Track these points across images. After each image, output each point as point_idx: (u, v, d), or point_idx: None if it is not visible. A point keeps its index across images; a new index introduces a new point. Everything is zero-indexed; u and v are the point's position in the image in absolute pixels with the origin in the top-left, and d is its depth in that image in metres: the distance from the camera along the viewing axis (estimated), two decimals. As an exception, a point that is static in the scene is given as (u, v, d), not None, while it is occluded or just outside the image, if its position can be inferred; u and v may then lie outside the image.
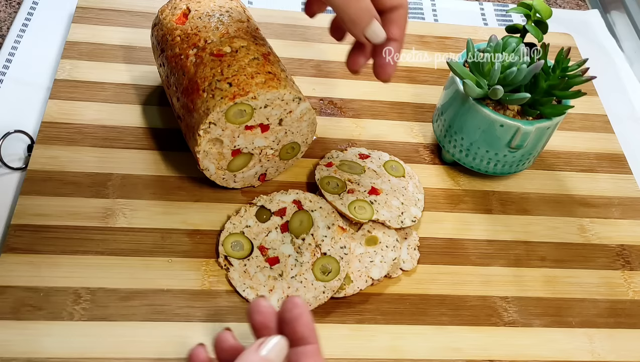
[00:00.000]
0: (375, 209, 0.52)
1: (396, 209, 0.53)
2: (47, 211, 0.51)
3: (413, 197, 0.55)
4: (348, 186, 0.53)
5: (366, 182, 0.54)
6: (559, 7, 0.86)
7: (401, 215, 0.52)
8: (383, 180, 0.55)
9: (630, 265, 0.55)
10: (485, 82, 0.53)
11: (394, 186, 0.54)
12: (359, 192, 0.53)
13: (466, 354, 0.48)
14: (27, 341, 0.44)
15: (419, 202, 0.55)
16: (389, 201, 0.53)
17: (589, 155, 0.63)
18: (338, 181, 0.54)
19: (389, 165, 0.57)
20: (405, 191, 0.55)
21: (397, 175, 0.56)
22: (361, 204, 0.52)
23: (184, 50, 0.51)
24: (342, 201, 0.52)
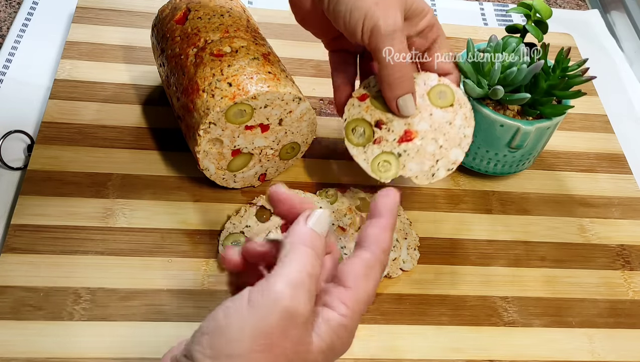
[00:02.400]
0: (403, 162, 0.46)
1: (430, 157, 0.46)
2: (47, 211, 0.51)
3: (458, 134, 0.47)
4: (376, 133, 0.47)
5: (399, 125, 0.47)
6: (559, 7, 0.86)
7: (434, 165, 0.46)
8: (423, 116, 0.47)
9: (630, 265, 0.55)
10: (486, 82, 0.53)
11: (435, 123, 0.47)
12: (388, 141, 0.46)
13: (466, 354, 0.48)
14: (27, 341, 0.44)
15: (464, 140, 0.47)
16: (424, 146, 0.46)
17: (589, 155, 0.63)
18: (365, 127, 0.47)
19: (435, 93, 0.48)
20: (450, 126, 0.47)
21: (444, 106, 0.48)
22: (387, 158, 0.46)
23: (184, 50, 0.51)
24: (365, 156, 0.47)
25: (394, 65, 0.44)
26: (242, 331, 0.30)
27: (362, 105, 0.48)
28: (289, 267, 0.32)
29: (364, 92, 0.48)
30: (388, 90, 0.45)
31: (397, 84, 0.45)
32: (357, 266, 0.34)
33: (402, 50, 0.44)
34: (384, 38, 0.44)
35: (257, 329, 0.30)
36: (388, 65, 0.44)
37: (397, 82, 0.45)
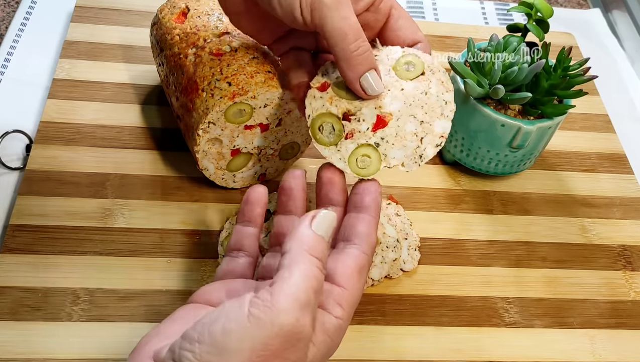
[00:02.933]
0: (383, 152, 0.40)
1: (412, 138, 0.41)
2: (45, 211, 0.51)
3: (437, 103, 0.41)
4: (346, 127, 0.41)
5: (370, 111, 0.41)
6: (560, 6, 0.85)
7: (420, 145, 0.41)
8: (393, 94, 0.41)
9: (632, 265, 0.55)
10: (486, 82, 0.53)
11: (408, 98, 0.41)
12: (361, 132, 0.41)
13: (467, 355, 0.48)
14: (26, 342, 0.44)
15: (446, 108, 0.41)
16: (402, 127, 0.41)
17: (590, 155, 0.63)
18: (334, 122, 0.41)
19: (401, 65, 0.42)
20: (427, 96, 0.41)
21: (414, 77, 0.42)
22: (364, 152, 0.41)
23: (183, 49, 0.51)
24: (340, 155, 0.41)
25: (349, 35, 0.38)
26: (240, 348, 0.28)
27: (325, 96, 0.42)
28: (294, 282, 0.30)
29: (323, 81, 0.42)
30: (347, 69, 0.39)
31: (356, 60, 0.39)
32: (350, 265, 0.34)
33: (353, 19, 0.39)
34: (328, 8, 0.38)
35: (257, 348, 0.28)
36: (342, 41, 0.38)
37: (355, 58, 0.39)
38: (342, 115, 0.41)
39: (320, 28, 0.38)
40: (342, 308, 0.32)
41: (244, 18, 0.43)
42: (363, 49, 0.39)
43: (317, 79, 0.42)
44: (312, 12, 0.38)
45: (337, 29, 0.38)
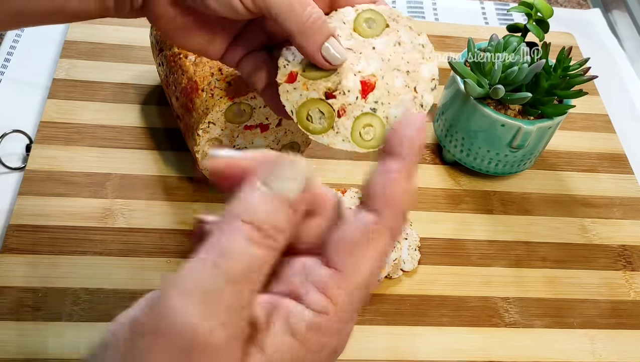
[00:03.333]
0: (383, 115, 0.38)
1: (405, 90, 0.38)
2: (45, 211, 0.51)
3: (415, 49, 0.39)
4: (334, 105, 0.38)
5: (351, 81, 0.38)
6: (560, 6, 0.85)
7: (416, 95, 0.38)
8: (366, 55, 0.38)
9: (632, 265, 0.55)
10: (486, 82, 0.53)
11: (384, 54, 0.39)
12: (352, 104, 0.38)
13: (467, 355, 0.48)
14: (26, 342, 0.44)
15: (425, 50, 0.39)
16: (391, 85, 0.38)
17: (590, 155, 0.63)
18: (319, 106, 0.38)
19: (361, 25, 0.39)
20: (401, 46, 0.39)
21: (380, 32, 0.39)
22: (364, 122, 0.38)
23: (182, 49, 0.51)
24: (341, 136, 0.37)
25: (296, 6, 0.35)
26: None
27: (297, 85, 0.38)
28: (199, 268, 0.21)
29: (288, 72, 0.38)
30: (305, 43, 0.36)
31: (311, 30, 0.35)
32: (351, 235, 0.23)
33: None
34: None
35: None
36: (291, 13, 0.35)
37: (310, 28, 0.35)
38: (324, 96, 0.38)
39: (265, 9, 0.35)
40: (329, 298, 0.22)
41: (184, 33, 0.39)
42: (316, 16, 0.35)
43: (281, 73, 0.39)
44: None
45: (282, 2, 0.35)
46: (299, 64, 0.38)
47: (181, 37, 0.38)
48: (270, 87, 0.39)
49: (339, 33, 0.38)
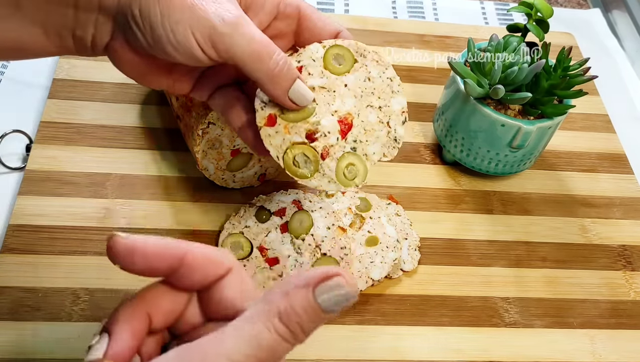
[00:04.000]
0: (362, 153, 0.40)
1: (380, 126, 0.40)
2: (45, 211, 0.51)
3: (384, 83, 0.40)
4: (317, 148, 0.39)
5: (329, 121, 0.39)
6: (560, 6, 0.85)
7: (389, 129, 0.40)
8: (339, 92, 0.39)
9: (632, 265, 0.55)
10: (486, 82, 0.53)
11: (356, 90, 0.40)
12: (334, 145, 0.39)
13: (467, 355, 0.48)
14: (26, 342, 0.44)
15: (394, 83, 0.41)
16: (367, 122, 0.40)
17: (590, 155, 0.63)
18: (304, 150, 0.39)
19: (330, 62, 0.40)
20: (371, 82, 0.40)
21: (348, 68, 0.40)
22: (347, 162, 0.39)
23: (183, 49, 0.51)
24: (327, 178, 0.39)
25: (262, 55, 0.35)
26: None
27: (279, 128, 0.39)
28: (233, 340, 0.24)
29: (267, 115, 0.39)
30: (274, 90, 0.37)
31: (279, 77, 0.36)
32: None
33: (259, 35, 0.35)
34: (229, 35, 0.34)
35: None
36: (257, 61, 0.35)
37: (278, 75, 0.36)
38: (306, 138, 0.39)
39: (230, 58, 0.35)
40: None
41: (148, 76, 0.38)
42: (283, 63, 0.36)
43: (260, 115, 0.39)
44: (214, 45, 0.35)
45: (248, 53, 0.35)
46: (275, 105, 0.39)
47: (145, 79, 0.38)
48: (249, 127, 0.40)
49: (311, 72, 0.40)
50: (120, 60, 0.37)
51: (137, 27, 0.34)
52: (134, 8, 0.34)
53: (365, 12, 0.75)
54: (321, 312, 0.25)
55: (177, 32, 0.34)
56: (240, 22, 0.35)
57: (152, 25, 0.34)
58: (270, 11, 0.39)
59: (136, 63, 0.37)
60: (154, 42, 0.34)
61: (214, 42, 0.34)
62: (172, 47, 0.34)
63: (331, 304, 0.25)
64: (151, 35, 0.34)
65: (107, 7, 0.34)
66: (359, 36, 0.70)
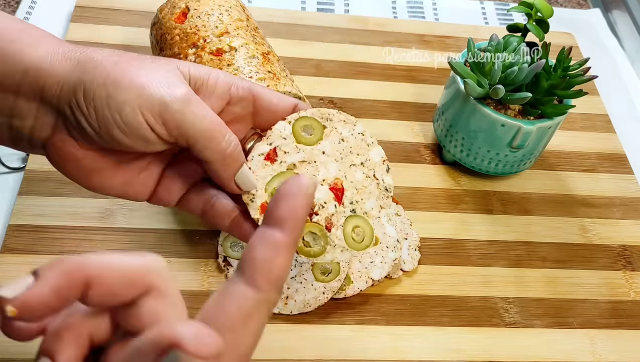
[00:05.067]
0: (362, 212, 0.40)
1: (368, 181, 0.40)
2: (45, 211, 0.51)
3: (356, 139, 0.40)
4: (319, 220, 0.39)
5: (323, 193, 0.39)
6: (560, 6, 0.85)
7: (378, 181, 0.41)
8: (321, 161, 0.39)
9: (632, 266, 0.55)
10: (486, 82, 0.53)
11: (335, 154, 0.40)
12: (334, 214, 0.39)
13: (467, 355, 0.48)
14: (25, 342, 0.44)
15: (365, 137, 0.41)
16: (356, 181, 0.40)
17: (590, 155, 0.63)
18: (309, 228, 0.39)
19: (300, 135, 0.40)
20: (345, 142, 0.40)
21: (320, 136, 0.40)
22: (351, 226, 0.40)
23: (183, 49, 0.51)
24: (339, 247, 0.39)
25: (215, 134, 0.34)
26: None
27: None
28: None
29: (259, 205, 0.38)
30: (223, 171, 0.36)
31: (231, 158, 0.35)
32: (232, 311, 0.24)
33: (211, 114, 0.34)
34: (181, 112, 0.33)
35: None
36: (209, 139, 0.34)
37: (230, 157, 0.35)
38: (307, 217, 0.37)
39: (181, 136, 0.34)
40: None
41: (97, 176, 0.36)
42: (234, 145, 0.35)
43: (252, 208, 0.38)
44: (164, 122, 0.33)
45: (200, 131, 0.34)
46: (264, 193, 0.39)
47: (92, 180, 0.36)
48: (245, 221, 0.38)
49: (286, 150, 0.39)
50: (62, 157, 0.35)
51: (81, 112, 0.33)
52: (77, 92, 0.33)
53: (365, 12, 0.75)
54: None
55: (123, 112, 0.33)
56: (192, 99, 0.34)
57: (97, 107, 0.33)
58: (221, 95, 0.37)
59: (80, 159, 0.35)
60: (99, 126, 0.33)
61: (164, 119, 0.33)
62: (118, 130, 0.33)
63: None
64: (96, 119, 0.33)
65: (49, 96, 0.33)
66: (359, 36, 0.71)
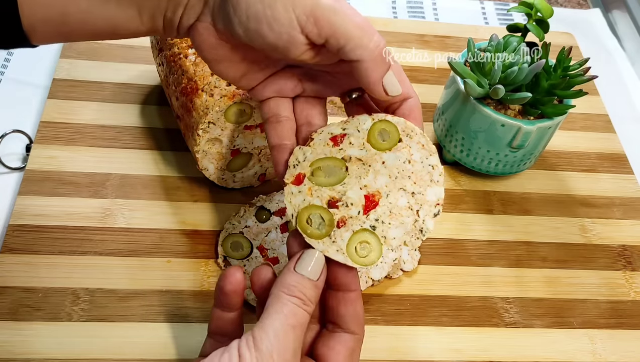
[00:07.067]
0: (382, 234, 0.38)
1: (407, 212, 0.38)
2: (45, 211, 0.51)
3: (425, 169, 0.38)
4: (336, 215, 0.37)
5: (356, 193, 0.38)
6: (560, 6, 0.85)
7: (417, 218, 0.38)
8: (375, 168, 0.38)
9: (632, 265, 0.55)
10: (486, 82, 0.53)
11: (392, 171, 0.38)
12: (353, 218, 0.37)
13: (467, 355, 0.48)
14: (26, 342, 0.44)
15: (435, 172, 0.39)
16: (395, 203, 0.38)
17: (590, 155, 0.63)
18: (321, 212, 0.38)
19: (374, 136, 0.38)
20: (411, 165, 0.38)
21: (391, 146, 0.38)
22: (362, 238, 0.37)
23: (182, 49, 0.51)
24: (336, 246, 0.37)
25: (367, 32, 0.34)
26: None
27: (303, 189, 0.38)
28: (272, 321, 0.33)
29: (296, 173, 0.38)
30: (373, 70, 0.35)
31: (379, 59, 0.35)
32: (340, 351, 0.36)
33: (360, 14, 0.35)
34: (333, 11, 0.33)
35: None
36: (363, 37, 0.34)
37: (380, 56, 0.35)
38: (327, 205, 0.38)
39: (333, 36, 0.34)
40: None
41: (222, 63, 0.38)
42: (382, 44, 0.35)
43: (289, 172, 0.38)
44: (317, 21, 0.33)
45: (352, 29, 0.34)
46: (308, 166, 0.38)
47: (218, 66, 0.38)
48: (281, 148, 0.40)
49: (353, 141, 0.38)
50: (202, 42, 0.37)
51: (232, 6, 0.34)
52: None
53: (365, 12, 0.75)
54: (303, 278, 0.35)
55: (275, 7, 0.33)
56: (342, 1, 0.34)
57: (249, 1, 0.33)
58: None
59: (216, 47, 0.37)
60: (247, 19, 0.33)
61: (316, 17, 0.33)
62: (267, 26, 0.33)
63: (304, 268, 0.35)
64: (246, 12, 0.33)
65: None
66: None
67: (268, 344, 0.32)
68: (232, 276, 0.36)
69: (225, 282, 0.36)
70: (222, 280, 0.36)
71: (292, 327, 0.33)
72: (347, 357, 0.36)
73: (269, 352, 0.32)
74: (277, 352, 0.32)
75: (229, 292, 0.36)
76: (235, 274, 0.36)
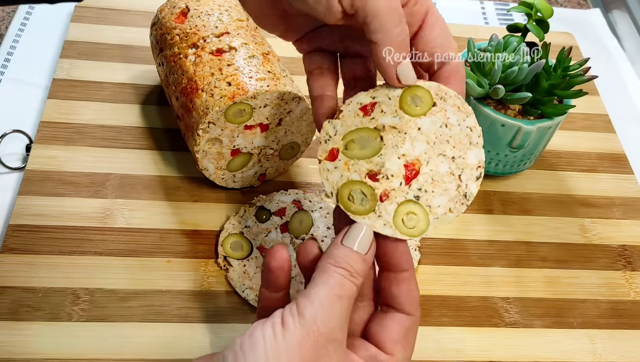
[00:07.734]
0: (426, 203, 0.36)
1: (450, 178, 0.36)
2: (45, 211, 0.51)
3: (463, 132, 0.37)
4: (377, 188, 0.36)
5: (394, 163, 0.36)
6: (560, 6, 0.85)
7: (460, 183, 0.36)
8: (411, 135, 0.36)
9: (632, 265, 0.55)
10: (487, 82, 0.53)
11: (430, 136, 0.36)
12: (395, 190, 0.36)
13: (467, 355, 0.48)
14: (26, 342, 0.44)
15: (473, 134, 0.37)
16: (435, 172, 0.36)
17: (590, 155, 0.63)
18: (362, 187, 0.36)
19: (406, 102, 0.37)
20: (448, 128, 0.37)
21: (425, 111, 0.37)
22: (407, 209, 0.36)
23: (182, 49, 0.51)
24: (383, 220, 0.36)
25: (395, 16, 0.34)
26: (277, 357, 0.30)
27: (339, 164, 0.37)
28: (318, 291, 0.32)
29: (329, 148, 0.37)
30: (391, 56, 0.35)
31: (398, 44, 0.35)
32: (395, 329, 0.35)
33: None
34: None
35: (292, 355, 0.30)
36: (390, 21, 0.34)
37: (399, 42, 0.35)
38: (366, 179, 0.36)
39: (361, 10, 0.34)
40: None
41: (267, 18, 0.39)
42: (405, 34, 0.35)
43: (322, 148, 0.37)
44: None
45: (381, 8, 0.34)
46: (340, 140, 0.37)
47: (262, 20, 0.40)
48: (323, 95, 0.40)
49: (384, 109, 0.37)
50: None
51: None
52: None
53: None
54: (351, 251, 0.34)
55: None
56: None
57: None
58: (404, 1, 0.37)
59: (260, 3, 0.38)
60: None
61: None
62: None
63: (352, 242, 0.34)
64: None
65: None
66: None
67: (312, 311, 0.31)
68: (277, 252, 0.35)
69: (270, 259, 0.35)
70: (268, 257, 0.35)
71: (339, 298, 0.32)
72: (402, 336, 0.35)
73: (313, 319, 0.31)
74: (321, 319, 0.31)
75: (274, 269, 0.35)
76: (281, 251, 0.35)
